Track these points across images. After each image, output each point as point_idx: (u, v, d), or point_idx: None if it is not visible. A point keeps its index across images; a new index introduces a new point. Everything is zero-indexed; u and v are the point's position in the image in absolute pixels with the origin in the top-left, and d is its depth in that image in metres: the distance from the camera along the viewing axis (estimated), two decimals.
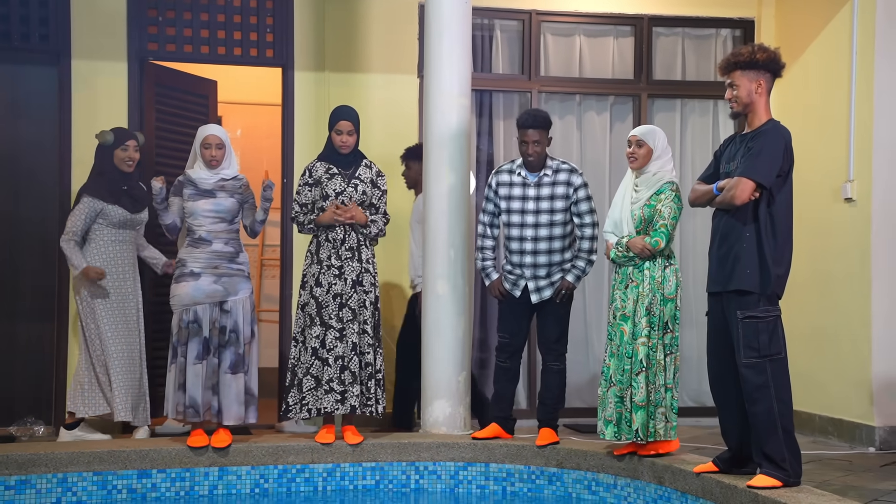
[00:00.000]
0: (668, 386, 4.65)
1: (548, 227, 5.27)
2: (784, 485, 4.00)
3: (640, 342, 4.63)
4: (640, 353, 4.62)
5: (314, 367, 5.19)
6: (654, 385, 4.61)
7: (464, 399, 5.72)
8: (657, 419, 4.62)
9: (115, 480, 5.00)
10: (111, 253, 5.58)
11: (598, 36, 7.01)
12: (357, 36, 6.54)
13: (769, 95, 4.20)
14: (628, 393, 4.65)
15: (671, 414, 4.66)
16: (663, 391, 4.62)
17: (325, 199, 5.29)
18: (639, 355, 4.63)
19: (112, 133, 5.64)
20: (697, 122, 7.14)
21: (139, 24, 6.24)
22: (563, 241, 5.31)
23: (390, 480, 5.30)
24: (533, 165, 5.33)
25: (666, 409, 4.64)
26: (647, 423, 4.63)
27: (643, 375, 4.62)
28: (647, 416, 4.63)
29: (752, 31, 7.02)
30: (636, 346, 4.64)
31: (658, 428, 4.62)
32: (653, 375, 4.61)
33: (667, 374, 4.64)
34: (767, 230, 4.07)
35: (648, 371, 4.62)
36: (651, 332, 4.63)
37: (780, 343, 4.08)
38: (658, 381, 4.61)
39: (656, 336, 4.63)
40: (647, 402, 4.62)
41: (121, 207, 5.55)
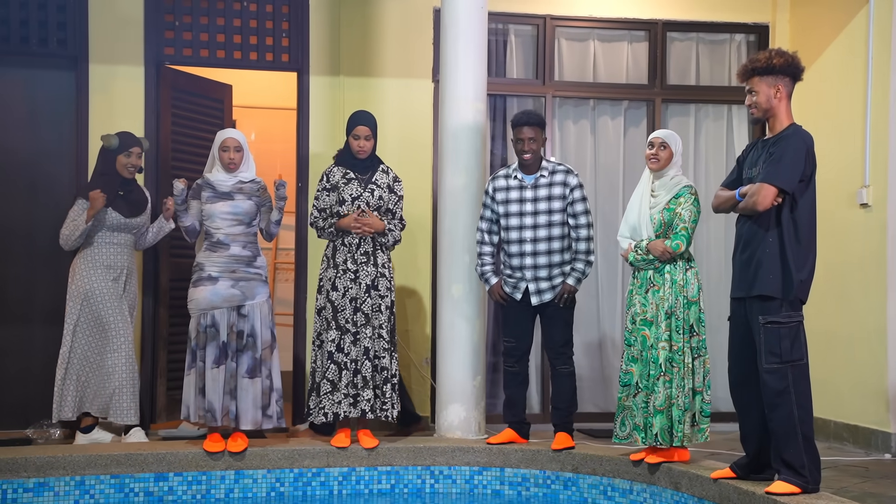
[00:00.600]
0: (696, 389, 4.64)
1: (546, 227, 5.30)
2: (803, 491, 4.00)
3: (661, 346, 4.63)
4: (661, 357, 4.62)
5: (330, 371, 5.20)
6: (682, 389, 4.61)
7: (479, 403, 5.72)
8: (686, 423, 4.61)
9: (132, 483, 5.02)
10: (106, 255, 5.58)
11: (613, 41, 7.01)
12: (372, 40, 6.55)
13: (790, 100, 4.19)
14: (652, 397, 4.65)
15: (702, 418, 4.65)
16: (692, 395, 4.62)
17: (342, 203, 5.31)
18: (659, 359, 4.63)
19: (117, 137, 5.64)
20: (711, 126, 7.13)
21: (156, 28, 6.26)
22: (562, 242, 5.33)
23: (405, 484, 5.31)
24: (528, 167, 5.37)
25: (696, 412, 4.63)
26: (672, 428, 4.62)
27: (663, 380, 4.62)
28: (669, 421, 4.62)
29: (766, 37, 7.02)
30: (657, 351, 4.64)
31: (686, 432, 4.61)
32: (679, 380, 4.61)
33: (696, 378, 4.64)
34: (791, 235, 4.07)
35: (672, 375, 4.61)
36: (673, 336, 4.64)
37: (802, 349, 4.08)
38: (686, 385, 4.61)
39: (680, 339, 4.63)
40: (669, 406, 4.61)
41: (115, 211, 5.53)
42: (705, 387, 4.69)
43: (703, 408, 4.66)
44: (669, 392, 4.61)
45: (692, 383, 4.64)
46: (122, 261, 5.62)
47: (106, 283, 5.53)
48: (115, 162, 5.61)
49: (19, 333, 6.18)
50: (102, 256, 5.55)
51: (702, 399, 4.66)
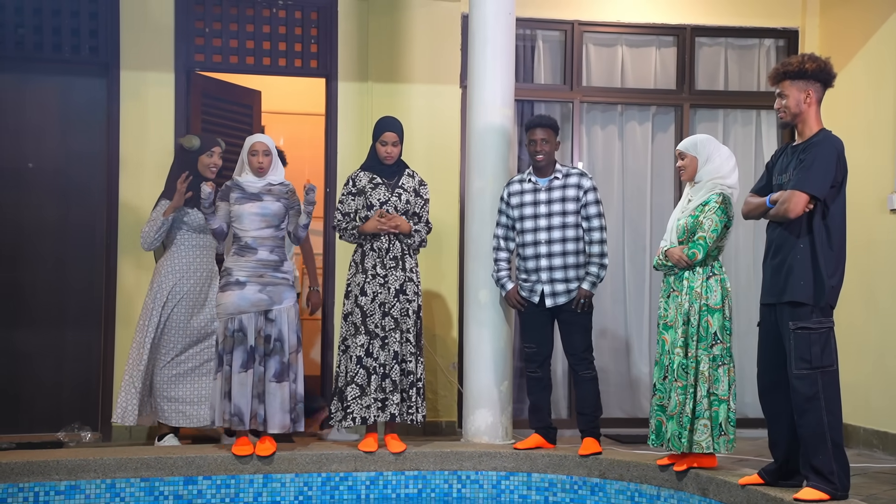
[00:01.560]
0: (721, 398, 4.60)
1: (560, 229, 5.33)
2: (832, 498, 3.98)
3: (676, 352, 4.62)
4: (675, 362, 4.61)
5: (359, 375, 5.22)
6: (694, 396, 4.58)
7: (506, 408, 5.73)
8: (698, 431, 4.58)
9: (161, 486, 5.06)
10: (191, 258, 5.67)
11: (641, 46, 7.01)
12: (400, 46, 6.59)
13: (819, 105, 4.18)
14: (667, 402, 4.64)
15: (727, 426, 4.60)
16: (706, 403, 4.58)
17: (370, 208, 5.34)
18: (674, 365, 4.62)
19: (198, 138, 5.76)
20: (740, 132, 7.10)
21: (186, 35, 6.33)
22: (576, 244, 5.35)
23: (433, 489, 5.32)
24: (542, 169, 5.41)
25: (717, 421, 4.58)
26: (681, 435, 4.60)
27: (676, 386, 4.60)
28: (681, 427, 4.59)
29: (795, 41, 6.98)
30: (673, 356, 4.63)
31: (700, 440, 4.57)
32: (691, 386, 4.58)
33: (716, 386, 4.60)
34: (823, 242, 4.05)
35: (684, 382, 4.59)
36: (689, 342, 4.61)
37: (833, 355, 4.06)
38: (699, 392, 4.58)
39: (696, 347, 4.59)
40: (680, 412, 4.59)
41: (199, 212, 5.59)
42: (731, 395, 4.64)
43: (729, 416, 4.61)
44: (681, 398, 4.59)
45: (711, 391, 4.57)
46: (206, 263, 5.73)
47: (188, 285, 5.62)
48: (197, 163, 5.71)
49: (51, 338, 6.26)
50: (186, 258, 5.65)
51: (728, 408, 4.61)
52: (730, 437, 4.61)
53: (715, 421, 4.58)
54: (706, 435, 4.57)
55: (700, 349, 4.59)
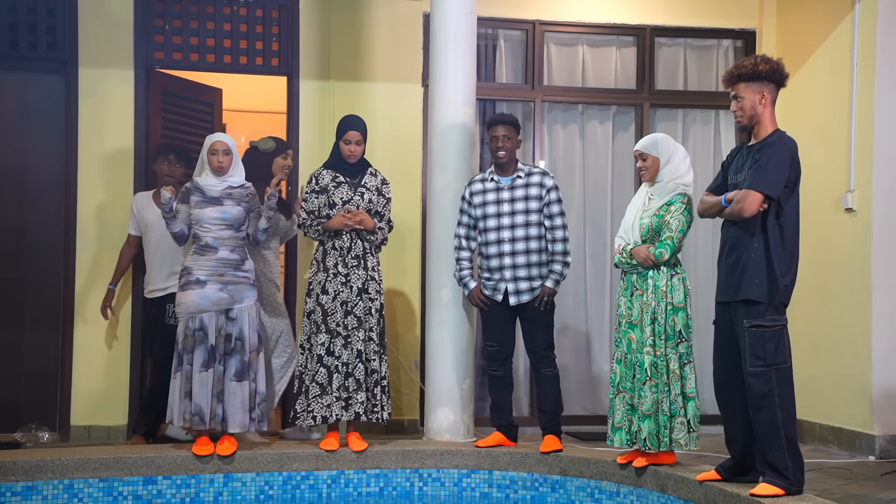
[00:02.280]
0: (689, 395, 4.66)
1: (524, 227, 5.36)
2: (786, 493, 4.03)
3: (646, 351, 4.65)
4: (646, 362, 4.65)
5: (319, 374, 5.22)
6: (669, 395, 4.63)
7: (468, 406, 5.75)
8: (675, 429, 4.63)
9: (120, 487, 5.02)
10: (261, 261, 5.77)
11: (601, 46, 7.06)
12: (362, 45, 6.58)
13: (774, 106, 4.24)
14: (638, 402, 4.67)
15: (695, 423, 4.66)
16: (681, 401, 4.63)
17: (332, 207, 5.34)
18: (644, 364, 4.66)
19: (274, 141, 5.87)
20: (699, 131, 7.18)
21: (146, 32, 6.28)
22: (539, 242, 5.38)
23: (394, 487, 5.33)
24: (504, 168, 5.43)
25: (688, 418, 4.65)
26: (658, 433, 4.64)
27: (649, 385, 4.64)
28: (658, 426, 4.64)
29: (753, 42, 7.07)
30: (643, 356, 4.67)
31: (678, 438, 4.62)
32: (663, 385, 4.63)
33: (684, 384, 4.66)
34: (776, 241, 4.10)
35: (658, 381, 4.64)
36: (657, 341, 4.65)
37: (786, 352, 4.12)
38: (674, 390, 4.63)
39: (664, 345, 4.64)
40: (657, 411, 4.63)
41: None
42: (697, 392, 4.70)
43: (695, 413, 4.67)
44: (656, 397, 4.64)
45: (680, 388, 4.64)
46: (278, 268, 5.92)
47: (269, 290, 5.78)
48: (272, 164, 5.81)
49: (7, 337, 6.19)
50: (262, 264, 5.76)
51: (694, 405, 4.67)
52: (696, 433, 4.68)
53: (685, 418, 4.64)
54: (684, 432, 4.62)
55: (668, 347, 4.64)
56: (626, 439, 4.73)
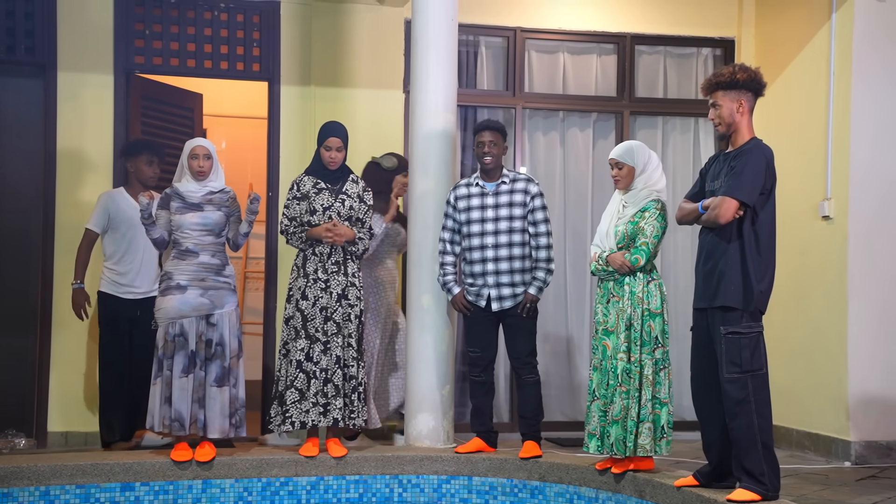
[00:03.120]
0: (662, 401, 4.68)
1: (507, 233, 5.37)
2: (763, 499, 4.07)
3: (620, 357, 4.67)
4: (619, 368, 4.67)
5: (298, 380, 5.22)
6: (640, 401, 4.65)
7: (448, 412, 5.75)
8: (642, 435, 4.65)
9: (97, 493, 4.99)
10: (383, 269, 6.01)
11: (582, 53, 7.10)
12: (343, 51, 6.59)
13: (751, 114, 4.28)
14: (610, 408, 4.70)
15: (668, 429, 4.69)
16: (650, 406, 4.65)
17: (313, 213, 5.34)
18: (617, 370, 4.68)
19: (396, 159, 6.03)
20: (679, 139, 7.23)
21: (126, 36, 6.26)
22: (522, 249, 5.39)
23: (374, 493, 5.32)
24: (490, 173, 5.44)
25: (659, 424, 4.66)
26: (625, 439, 4.66)
27: (620, 391, 4.66)
28: (625, 432, 4.66)
29: (732, 51, 7.13)
30: (616, 362, 4.68)
31: (643, 444, 4.64)
32: (635, 391, 4.65)
33: (657, 390, 4.68)
34: (752, 247, 4.14)
35: (629, 386, 4.66)
36: (632, 348, 4.67)
37: (762, 359, 4.15)
38: (644, 396, 4.65)
39: (639, 351, 4.66)
40: (625, 417, 4.65)
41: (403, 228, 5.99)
42: (671, 398, 4.73)
43: (668, 419, 4.70)
44: (626, 403, 4.65)
45: (654, 394, 4.66)
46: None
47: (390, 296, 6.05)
48: (391, 179, 5.99)
49: None
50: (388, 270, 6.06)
51: (668, 411, 4.70)
52: (668, 438, 4.69)
53: (657, 424, 4.66)
54: (649, 438, 4.64)
55: (644, 353, 4.66)
56: (599, 446, 4.76)
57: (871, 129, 5.97)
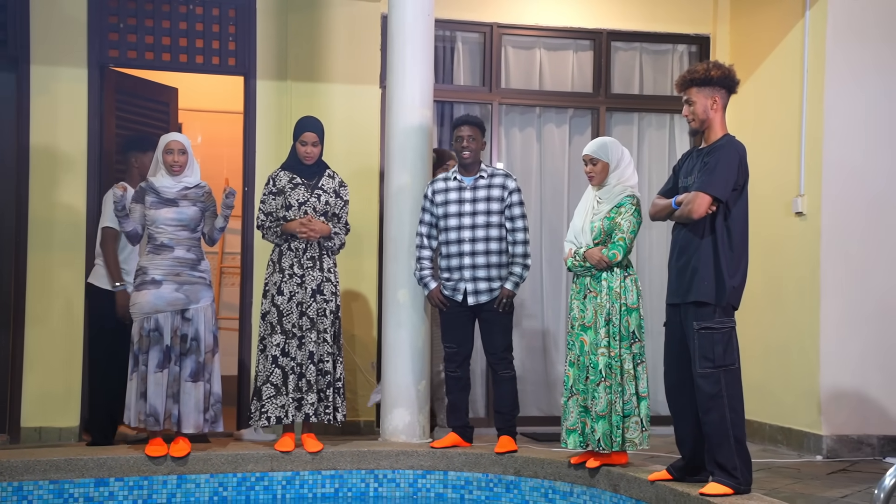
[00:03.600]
0: (641, 395, 4.71)
1: (484, 228, 5.38)
2: (735, 492, 4.10)
3: (601, 352, 4.69)
4: (601, 363, 4.69)
5: (274, 375, 5.21)
6: (624, 395, 4.67)
7: (423, 407, 5.76)
8: (630, 429, 4.67)
9: (71, 489, 4.97)
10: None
11: (558, 49, 7.12)
12: (320, 45, 6.57)
13: (725, 111, 4.31)
14: (592, 403, 4.71)
15: (646, 422, 4.72)
16: (635, 400, 4.68)
17: (288, 209, 5.33)
18: (598, 365, 4.70)
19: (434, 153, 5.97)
20: (654, 135, 7.27)
21: (100, 30, 6.22)
22: (499, 244, 5.41)
23: (349, 488, 5.33)
24: (468, 168, 5.46)
25: (641, 417, 4.71)
26: (612, 433, 4.68)
27: (603, 386, 4.68)
28: (611, 426, 4.68)
29: (707, 48, 7.17)
30: (597, 357, 4.71)
31: (632, 438, 4.67)
32: (617, 385, 4.67)
33: (638, 383, 4.71)
34: (724, 243, 4.17)
35: (612, 381, 4.68)
36: (612, 343, 4.70)
37: (735, 354, 4.19)
38: (628, 390, 4.67)
39: (619, 346, 4.69)
40: (611, 412, 4.68)
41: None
42: (648, 392, 4.76)
43: (647, 413, 4.73)
44: (610, 398, 4.68)
45: (635, 389, 4.70)
46: None
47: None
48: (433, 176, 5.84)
49: None
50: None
51: (646, 405, 4.73)
52: (647, 432, 4.73)
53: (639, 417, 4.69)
54: (638, 432, 4.67)
55: (623, 348, 4.69)
56: (580, 441, 4.78)
57: (843, 126, 6.03)
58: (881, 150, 6.08)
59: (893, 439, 5.95)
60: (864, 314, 6.01)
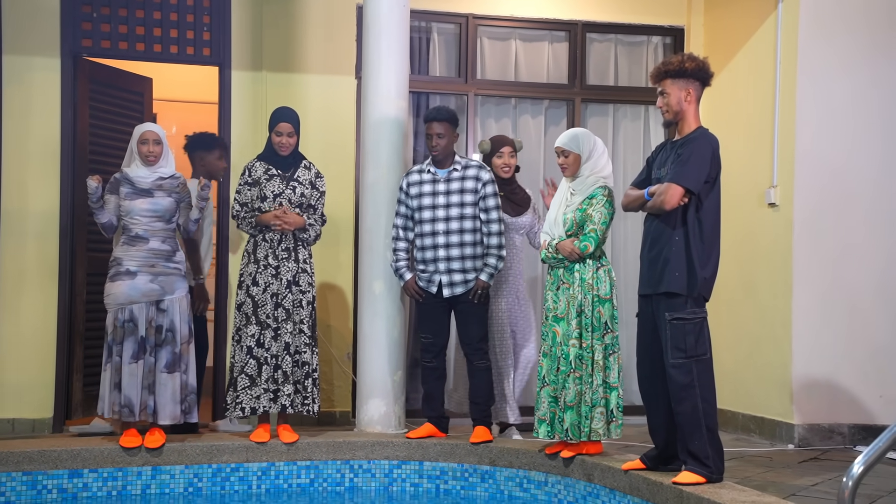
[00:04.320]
0: (612, 385, 4.75)
1: (458, 220, 5.40)
2: (707, 481, 4.14)
3: (572, 344, 4.72)
4: (571, 354, 4.72)
5: (249, 366, 5.21)
6: (591, 386, 4.70)
7: (399, 398, 5.78)
8: (595, 419, 4.71)
9: (45, 480, 4.95)
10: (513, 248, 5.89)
11: (534, 41, 7.13)
12: (295, 36, 6.55)
13: (698, 103, 4.34)
14: (562, 394, 4.74)
15: (618, 412, 4.75)
16: (602, 391, 4.71)
17: (263, 199, 5.32)
18: (569, 356, 4.72)
19: (489, 142, 5.94)
20: (629, 126, 7.30)
21: (73, 19, 6.17)
22: (473, 235, 5.43)
23: (325, 479, 5.33)
24: (441, 161, 5.47)
25: (609, 408, 4.73)
26: (580, 424, 4.72)
27: (573, 377, 4.71)
28: (580, 417, 4.72)
29: (681, 39, 7.20)
30: (568, 348, 4.73)
31: (597, 428, 4.70)
32: (587, 376, 4.70)
33: (607, 374, 4.73)
34: (696, 234, 4.20)
35: (582, 372, 4.71)
36: (583, 334, 4.72)
37: (706, 344, 4.22)
38: (595, 381, 4.70)
39: (591, 337, 4.72)
40: (579, 402, 4.71)
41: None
42: (620, 382, 4.79)
43: (619, 403, 4.76)
44: (579, 388, 4.71)
45: (603, 379, 4.72)
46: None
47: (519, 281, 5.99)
48: (491, 166, 5.84)
49: None
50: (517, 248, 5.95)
51: (617, 395, 4.76)
52: (619, 422, 4.76)
53: (607, 407, 4.72)
54: (602, 422, 4.70)
55: (594, 339, 4.71)
56: (548, 431, 4.81)
57: (815, 118, 6.08)
58: (853, 141, 6.14)
59: (864, 428, 6.03)
60: (836, 304, 6.08)
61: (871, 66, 6.15)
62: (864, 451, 2.90)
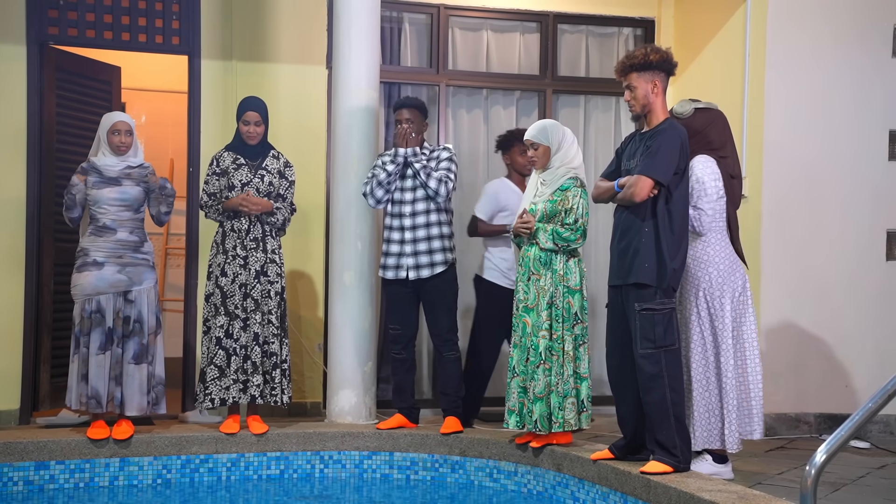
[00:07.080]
0: (582, 376, 4.76)
1: (424, 200, 5.41)
2: (675, 470, 4.18)
3: (542, 335, 4.73)
4: (541, 345, 4.73)
5: (218, 356, 5.19)
6: (562, 376, 4.72)
7: (369, 389, 5.78)
8: (566, 410, 4.73)
9: (10, 472, 4.92)
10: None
11: (505, 31, 7.12)
12: (265, 25, 6.51)
13: (665, 94, 4.36)
14: (531, 385, 4.76)
15: (587, 403, 4.77)
16: (573, 381, 4.73)
17: (231, 189, 5.30)
18: (539, 348, 4.74)
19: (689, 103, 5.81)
20: (600, 117, 7.32)
21: (39, 7, 6.08)
22: (439, 215, 5.44)
23: (295, 469, 5.33)
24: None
25: (580, 398, 4.75)
26: (550, 415, 4.74)
27: (543, 368, 4.73)
28: (549, 408, 4.74)
29: (652, 31, 7.23)
30: (538, 339, 4.75)
31: (568, 418, 4.72)
32: (559, 367, 4.72)
33: (578, 365, 4.76)
34: (665, 225, 4.23)
35: (552, 363, 4.73)
36: (554, 325, 4.74)
37: (675, 335, 4.26)
38: (566, 371, 4.72)
39: (561, 328, 4.73)
40: (548, 393, 4.73)
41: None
42: (589, 373, 4.82)
43: (588, 393, 4.79)
44: (549, 380, 4.73)
45: (573, 369, 4.75)
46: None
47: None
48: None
49: None
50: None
51: (588, 385, 4.79)
52: (588, 412, 4.79)
53: (577, 398, 4.74)
54: (573, 413, 4.73)
55: (564, 330, 4.73)
56: (517, 422, 4.83)
57: (784, 110, 6.13)
58: (823, 133, 6.19)
59: (830, 417, 6.10)
60: (803, 295, 6.14)
61: (840, 57, 6.20)
62: (826, 440, 2.94)
